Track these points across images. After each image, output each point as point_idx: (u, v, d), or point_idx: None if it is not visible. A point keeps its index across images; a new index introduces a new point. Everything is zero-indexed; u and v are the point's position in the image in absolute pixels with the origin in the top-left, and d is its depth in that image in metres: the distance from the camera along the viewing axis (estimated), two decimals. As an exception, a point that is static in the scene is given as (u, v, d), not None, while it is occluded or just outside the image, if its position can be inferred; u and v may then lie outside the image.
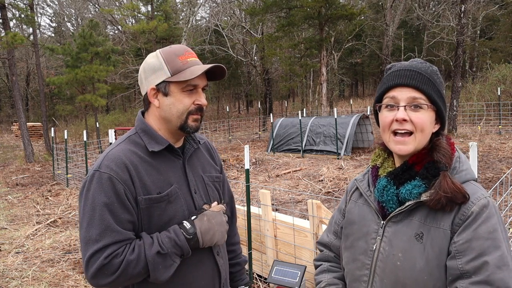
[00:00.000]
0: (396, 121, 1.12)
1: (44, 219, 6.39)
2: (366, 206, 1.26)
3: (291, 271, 2.53)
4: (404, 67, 1.17)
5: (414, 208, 1.11)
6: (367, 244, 1.20)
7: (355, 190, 1.35)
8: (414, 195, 1.10)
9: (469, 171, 1.14)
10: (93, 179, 1.26)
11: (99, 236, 1.20)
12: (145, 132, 1.38)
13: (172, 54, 1.35)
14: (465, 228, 1.03)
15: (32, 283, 4.13)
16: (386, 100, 1.16)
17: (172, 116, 1.36)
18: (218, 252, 1.46)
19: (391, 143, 1.15)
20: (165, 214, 1.33)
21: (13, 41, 11.63)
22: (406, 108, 1.12)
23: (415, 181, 1.11)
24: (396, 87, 1.14)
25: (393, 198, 1.14)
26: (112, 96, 27.95)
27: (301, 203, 6.67)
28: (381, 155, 1.28)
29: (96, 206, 1.23)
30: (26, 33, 30.70)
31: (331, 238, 1.42)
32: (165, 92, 1.35)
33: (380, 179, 1.21)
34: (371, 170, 1.29)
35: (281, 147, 12.38)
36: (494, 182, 6.68)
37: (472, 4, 22.09)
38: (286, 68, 21.51)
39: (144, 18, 20.14)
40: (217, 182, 1.56)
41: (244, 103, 38.97)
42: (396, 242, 1.12)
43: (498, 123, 13.09)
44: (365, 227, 1.22)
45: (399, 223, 1.13)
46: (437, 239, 1.06)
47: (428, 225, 1.08)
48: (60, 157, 10.51)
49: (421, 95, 1.12)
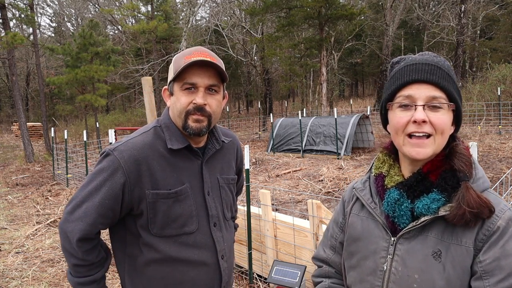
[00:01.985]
0: (413, 122, 0.98)
1: (44, 219, 6.39)
2: (371, 220, 1.11)
3: (291, 271, 2.53)
4: (420, 60, 1.02)
5: (430, 223, 0.99)
6: (376, 263, 1.06)
7: (355, 201, 1.19)
8: (433, 210, 0.96)
9: (485, 178, 1.02)
10: (106, 157, 1.32)
11: (80, 203, 1.30)
12: (167, 128, 1.39)
13: (181, 55, 1.35)
14: (492, 245, 0.92)
15: (32, 283, 4.13)
16: (400, 99, 1.01)
17: (175, 115, 1.37)
18: (223, 256, 1.45)
19: (407, 146, 1.00)
20: (172, 211, 1.33)
21: (13, 41, 11.62)
22: (424, 107, 0.98)
23: (433, 194, 0.98)
24: (413, 83, 1.00)
25: (407, 213, 1.01)
26: (112, 96, 27.95)
27: (301, 203, 6.67)
28: (386, 161, 1.13)
29: (92, 180, 1.31)
30: (26, 33, 30.72)
31: (328, 253, 1.28)
32: (171, 92, 1.38)
33: (390, 191, 1.05)
34: (375, 179, 1.14)
35: (281, 147, 12.38)
36: (494, 182, 6.68)
37: (472, 4, 22.10)
38: (286, 68, 21.50)
39: (144, 18, 20.16)
40: (232, 184, 1.56)
41: (244, 103, 38.98)
42: (410, 261, 0.99)
43: (498, 123, 13.09)
44: (372, 245, 1.08)
45: (413, 240, 1.00)
46: (458, 258, 0.94)
47: (446, 241, 0.96)
48: (60, 157, 10.51)
49: (441, 93, 0.98)
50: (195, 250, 1.38)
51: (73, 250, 1.30)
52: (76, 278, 1.34)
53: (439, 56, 1.05)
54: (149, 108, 3.28)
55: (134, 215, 1.35)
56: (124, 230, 1.39)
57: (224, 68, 1.36)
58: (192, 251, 1.38)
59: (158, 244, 1.34)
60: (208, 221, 1.42)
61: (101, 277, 1.38)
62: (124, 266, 1.41)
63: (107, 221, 1.32)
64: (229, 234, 1.52)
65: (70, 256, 1.32)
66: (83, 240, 1.29)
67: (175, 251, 1.35)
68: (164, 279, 1.36)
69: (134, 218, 1.35)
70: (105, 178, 1.29)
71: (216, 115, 1.38)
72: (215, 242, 1.42)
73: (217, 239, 1.44)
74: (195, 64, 1.29)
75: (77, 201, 1.30)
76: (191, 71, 1.31)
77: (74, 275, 1.34)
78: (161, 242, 1.34)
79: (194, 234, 1.38)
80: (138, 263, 1.37)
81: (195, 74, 1.31)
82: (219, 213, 1.46)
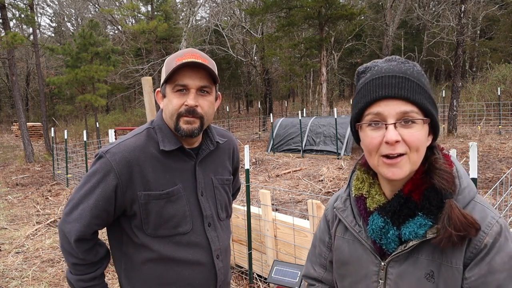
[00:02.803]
0: (386, 143, 0.90)
1: (44, 219, 6.39)
2: (357, 244, 1.06)
3: (291, 271, 2.53)
4: (385, 72, 0.93)
5: (419, 245, 0.95)
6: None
7: (338, 223, 1.14)
8: (420, 236, 0.93)
9: (471, 186, 0.97)
10: (98, 160, 1.34)
11: (76, 204, 1.33)
12: (160, 130, 1.40)
13: (173, 57, 1.35)
14: (478, 262, 0.90)
15: (32, 283, 4.13)
16: (369, 118, 0.94)
17: (167, 117, 1.38)
18: (218, 256, 1.46)
19: (382, 168, 0.94)
20: (164, 212, 1.35)
21: (13, 41, 11.63)
22: (396, 125, 0.90)
23: (419, 219, 0.93)
24: (380, 100, 0.92)
25: (394, 240, 0.97)
26: (112, 96, 27.94)
27: (301, 203, 6.67)
28: (365, 179, 1.06)
29: (87, 182, 1.34)
30: (26, 33, 30.72)
31: (319, 272, 1.23)
32: (163, 94, 1.39)
33: (373, 217, 1.00)
34: (356, 200, 1.08)
35: (281, 147, 12.38)
36: (494, 182, 6.68)
37: (472, 4, 22.10)
38: (286, 68, 21.52)
39: (144, 18, 20.16)
40: (227, 184, 1.56)
41: (244, 103, 38.98)
42: (404, 285, 0.97)
43: (498, 123, 13.09)
44: (363, 269, 1.05)
45: (403, 263, 0.97)
46: (450, 278, 0.92)
47: (437, 261, 0.93)
48: (60, 157, 10.51)
49: (412, 107, 0.91)
50: (189, 250, 1.39)
51: (72, 250, 1.33)
52: (76, 275, 1.36)
53: (407, 62, 0.97)
54: (149, 108, 3.28)
55: (128, 216, 1.37)
56: (120, 230, 1.41)
57: (216, 69, 1.36)
58: (187, 251, 1.39)
59: (153, 244, 1.36)
60: (202, 221, 1.43)
61: (101, 274, 1.41)
62: (121, 265, 1.43)
63: (102, 222, 1.35)
64: (225, 234, 1.53)
65: (69, 256, 1.35)
66: (80, 241, 1.32)
67: (170, 251, 1.37)
68: (159, 277, 1.38)
69: (128, 219, 1.37)
70: (98, 180, 1.31)
71: (209, 116, 1.38)
72: (209, 242, 1.44)
73: (212, 239, 1.45)
74: (186, 65, 1.29)
75: (73, 203, 1.34)
76: (182, 73, 1.31)
77: (74, 273, 1.37)
78: (156, 242, 1.36)
79: (188, 234, 1.39)
80: (134, 262, 1.39)
81: (186, 75, 1.31)
82: (213, 213, 1.47)
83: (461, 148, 9.92)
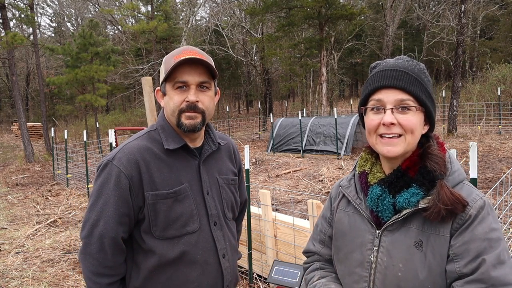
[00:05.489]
0: (383, 125, 1.07)
1: (44, 219, 6.39)
2: (357, 215, 1.19)
3: (291, 271, 2.53)
4: (390, 66, 1.11)
5: (411, 215, 1.07)
6: (363, 255, 1.14)
7: (341, 198, 1.27)
8: (413, 204, 1.05)
9: (460, 171, 1.10)
10: (105, 169, 1.33)
11: (95, 221, 1.30)
12: (163, 130, 1.41)
13: (171, 55, 1.37)
14: (462, 231, 1.01)
15: (32, 283, 4.13)
16: (372, 103, 1.11)
17: (169, 115, 1.40)
18: (224, 255, 1.46)
19: (379, 145, 1.10)
20: (172, 211, 1.35)
21: (13, 41, 11.63)
22: (393, 110, 1.07)
23: (412, 189, 1.06)
24: (382, 89, 1.09)
25: (389, 208, 1.09)
26: (112, 96, 27.95)
27: (301, 203, 6.67)
28: (368, 159, 1.22)
29: (99, 195, 1.31)
30: (26, 33, 30.72)
31: (318, 247, 1.34)
32: (163, 92, 1.41)
33: (372, 187, 1.14)
34: (359, 176, 1.22)
35: (281, 147, 12.38)
36: (494, 182, 6.68)
37: (472, 4, 22.10)
38: (286, 68, 21.52)
39: (144, 18, 20.14)
40: (233, 184, 1.57)
41: (244, 103, 38.96)
42: (395, 252, 1.07)
43: (498, 123, 13.09)
44: (359, 238, 1.16)
45: (396, 232, 1.08)
46: (438, 247, 1.03)
47: (427, 232, 1.04)
48: (60, 157, 10.51)
49: (408, 96, 1.07)
50: (196, 250, 1.39)
51: (106, 270, 1.32)
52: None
53: (412, 61, 1.13)
54: (149, 108, 3.28)
55: (137, 221, 1.37)
56: (130, 238, 1.40)
57: (213, 64, 1.38)
58: (194, 251, 1.39)
59: (161, 247, 1.35)
60: (208, 220, 1.43)
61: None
62: (130, 273, 1.41)
63: (126, 228, 1.34)
64: (231, 233, 1.53)
65: (104, 278, 1.32)
66: (117, 251, 1.32)
67: (178, 252, 1.36)
68: (168, 281, 1.37)
69: (137, 224, 1.38)
70: (112, 188, 1.30)
71: (210, 111, 1.41)
72: (215, 241, 1.43)
73: (218, 238, 1.44)
74: (184, 62, 1.32)
75: (91, 222, 1.31)
76: (181, 70, 1.33)
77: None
78: (164, 245, 1.35)
79: (196, 233, 1.39)
80: (143, 268, 1.37)
81: (186, 72, 1.33)
82: (219, 212, 1.47)
83: (461, 148, 9.92)
